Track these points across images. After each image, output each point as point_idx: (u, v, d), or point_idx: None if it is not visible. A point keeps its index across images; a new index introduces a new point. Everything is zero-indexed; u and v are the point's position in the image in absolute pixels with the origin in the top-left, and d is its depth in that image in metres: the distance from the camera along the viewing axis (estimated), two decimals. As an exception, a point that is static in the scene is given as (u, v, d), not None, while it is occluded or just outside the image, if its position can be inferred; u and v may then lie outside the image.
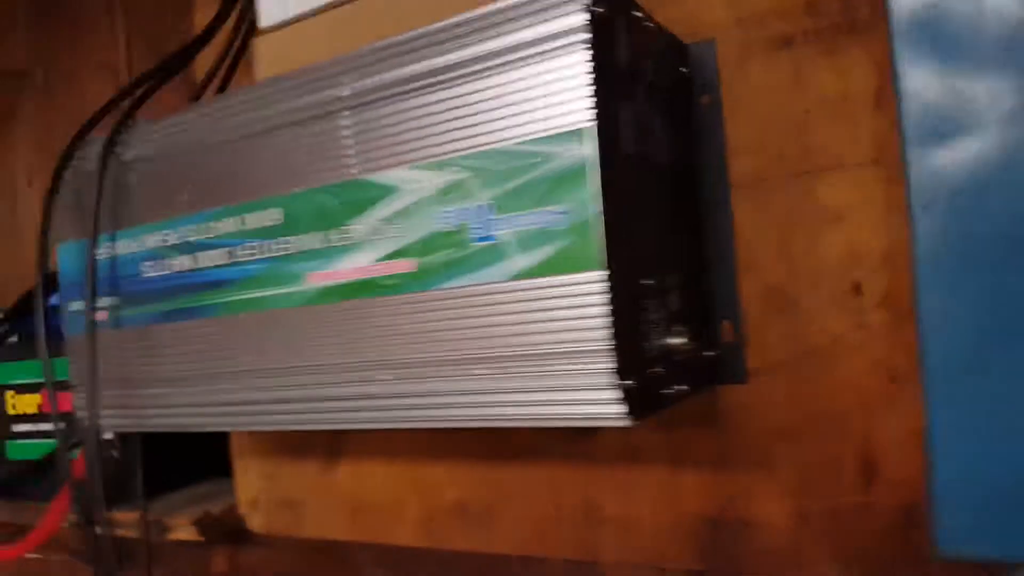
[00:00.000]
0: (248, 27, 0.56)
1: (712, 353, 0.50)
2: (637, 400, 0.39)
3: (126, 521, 0.74)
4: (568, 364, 0.39)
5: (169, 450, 0.75)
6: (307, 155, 0.46)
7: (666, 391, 0.43)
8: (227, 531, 0.75)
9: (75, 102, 1.07)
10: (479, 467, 0.62)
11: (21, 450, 0.79)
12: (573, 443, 0.57)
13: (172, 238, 0.53)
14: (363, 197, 0.44)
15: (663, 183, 0.45)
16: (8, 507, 0.81)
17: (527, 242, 0.40)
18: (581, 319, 0.38)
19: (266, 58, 0.52)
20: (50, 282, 0.60)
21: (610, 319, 0.38)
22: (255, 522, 0.74)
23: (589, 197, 0.38)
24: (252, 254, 0.49)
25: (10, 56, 1.12)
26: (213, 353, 0.51)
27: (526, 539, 0.60)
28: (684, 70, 0.50)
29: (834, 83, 0.48)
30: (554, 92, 0.39)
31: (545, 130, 0.39)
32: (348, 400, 0.46)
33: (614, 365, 0.38)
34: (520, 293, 0.40)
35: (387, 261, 0.44)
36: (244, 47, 0.57)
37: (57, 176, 0.56)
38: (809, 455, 0.49)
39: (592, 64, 0.37)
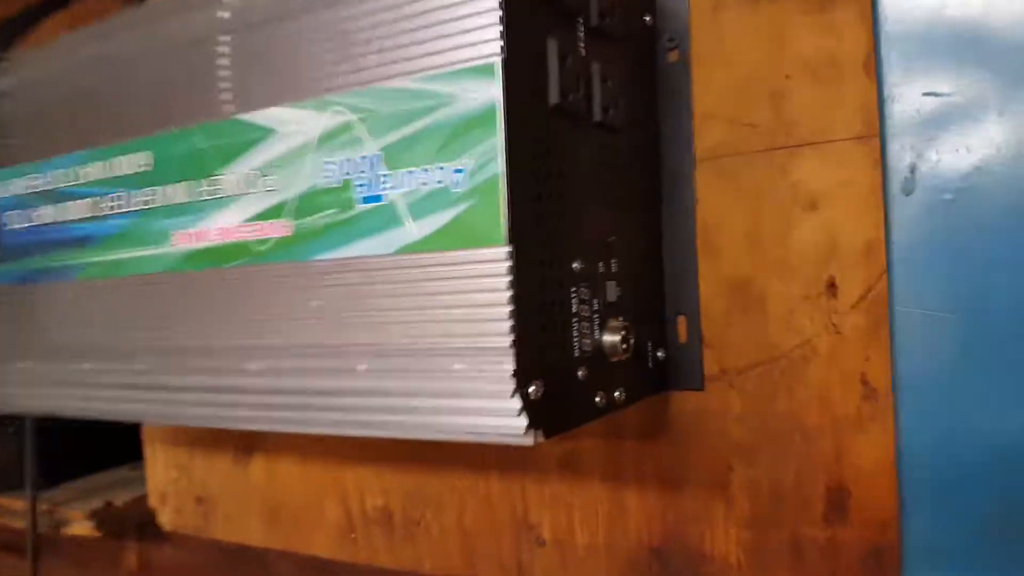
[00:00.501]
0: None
1: (663, 354, 0.42)
2: (544, 412, 0.31)
3: (16, 510, 0.66)
4: (462, 363, 0.31)
5: (77, 430, 0.68)
6: (182, 89, 0.38)
7: (595, 399, 0.35)
8: (130, 526, 0.67)
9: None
10: (406, 472, 0.55)
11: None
12: (507, 449, 0.50)
13: (40, 184, 0.45)
14: (237, 141, 0.36)
15: (611, 147, 0.37)
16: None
17: (420, 205, 0.31)
18: (478, 307, 0.30)
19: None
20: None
21: (510, 308, 0.30)
22: (165, 518, 0.67)
23: (490, 151, 0.29)
24: (117, 207, 0.41)
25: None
26: (72, 324, 0.43)
27: (454, 557, 0.52)
28: (648, 19, 0.41)
29: (820, 44, 0.39)
30: (458, 17, 0.30)
31: (445, 64, 0.31)
32: (213, 392, 0.38)
33: (512, 367, 0.30)
34: (408, 271, 0.32)
35: (259, 222, 0.36)
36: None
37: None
38: (770, 478, 0.41)
39: (503, -20, 0.29)
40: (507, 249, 0.29)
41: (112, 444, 0.75)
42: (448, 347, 0.31)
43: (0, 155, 0.47)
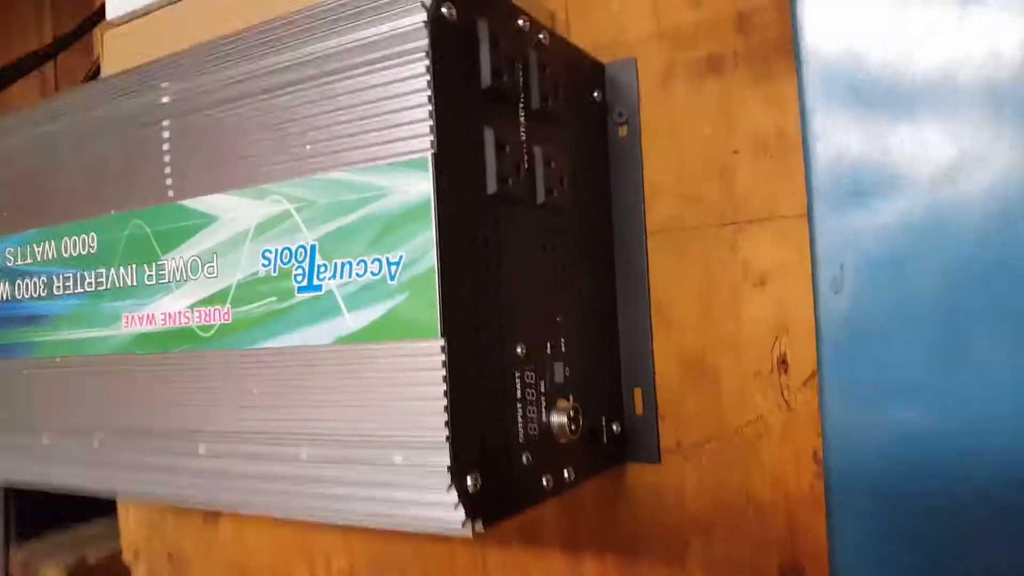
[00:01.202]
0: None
1: (618, 427, 0.42)
2: (483, 502, 0.31)
3: (-17, 568, 0.66)
4: (400, 455, 0.31)
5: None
6: (124, 172, 0.38)
7: (541, 482, 0.35)
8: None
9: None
10: (371, 537, 0.54)
11: None
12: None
13: (-8, 260, 0.45)
14: (179, 226, 0.36)
15: (557, 227, 0.37)
16: None
17: (356, 297, 0.31)
18: (414, 400, 0.30)
19: (112, 54, 0.44)
20: None
21: (444, 403, 0.29)
22: (139, 574, 0.66)
23: (424, 245, 0.29)
24: (69, 287, 0.41)
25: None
26: (29, 400, 0.43)
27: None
28: (596, 95, 0.42)
29: (766, 118, 0.39)
30: (391, 111, 0.30)
31: (380, 157, 0.31)
32: (167, 473, 0.38)
33: (447, 462, 0.29)
34: (346, 362, 0.32)
35: (203, 307, 0.36)
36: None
37: None
38: (726, 553, 0.41)
39: (431, 77, 0.29)
40: (440, 343, 0.29)
41: (89, 496, 0.75)
42: (386, 439, 0.31)
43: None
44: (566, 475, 0.37)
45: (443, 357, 0.29)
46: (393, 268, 0.30)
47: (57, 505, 0.74)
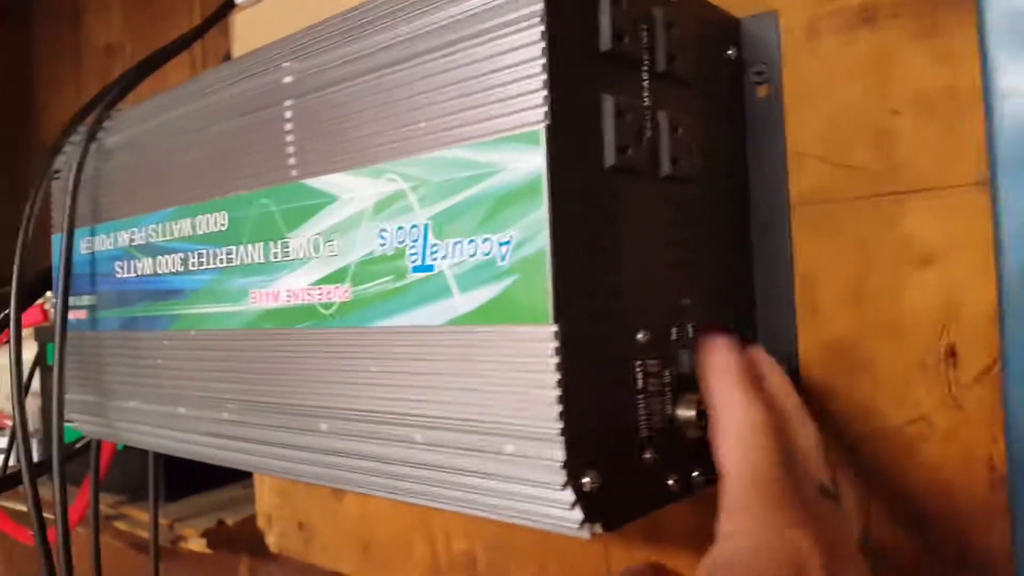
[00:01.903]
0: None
1: (754, 420, 0.38)
2: (602, 503, 0.29)
3: (143, 521, 0.71)
4: (512, 446, 0.29)
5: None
6: (251, 152, 0.39)
7: (667, 483, 0.33)
8: (240, 545, 0.70)
9: (156, 77, 1.08)
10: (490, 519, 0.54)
11: (70, 433, 0.79)
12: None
13: (138, 237, 0.47)
14: (303, 205, 0.36)
15: (684, 201, 0.34)
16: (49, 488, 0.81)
17: (467, 278, 0.30)
18: (524, 389, 0.28)
19: (241, 36, 0.45)
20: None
21: (558, 393, 0.27)
22: (271, 539, 0.69)
23: (536, 224, 0.27)
24: (202, 263, 0.42)
25: (107, 32, 1.14)
26: (167, 371, 0.45)
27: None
28: (731, 52, 0.38)
29: (933, 74, 0.34)
30: (503, 83, 0.28)
31: (492, 132, 0.29)
32: (290, 448, 0.39)
33: (563, 457, 0.28)
34: (457, 346, 0.30)
35: (323, 285, 0.36)
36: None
37: (47, 165, 0.52)
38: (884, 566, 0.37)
39: (545, 45, 0.27)
40: (553, 329, 0.27)
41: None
42: (497, 427, 0.30)
43: (108, 209, 0.50)
44: (695, 476, 0.34)
45: (555, 344, 0.27)
46: (504, 248, 0.29)
47: (200, 471, 0.79)
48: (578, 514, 0.28)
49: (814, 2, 0.38)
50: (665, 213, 0.33)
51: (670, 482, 0.32)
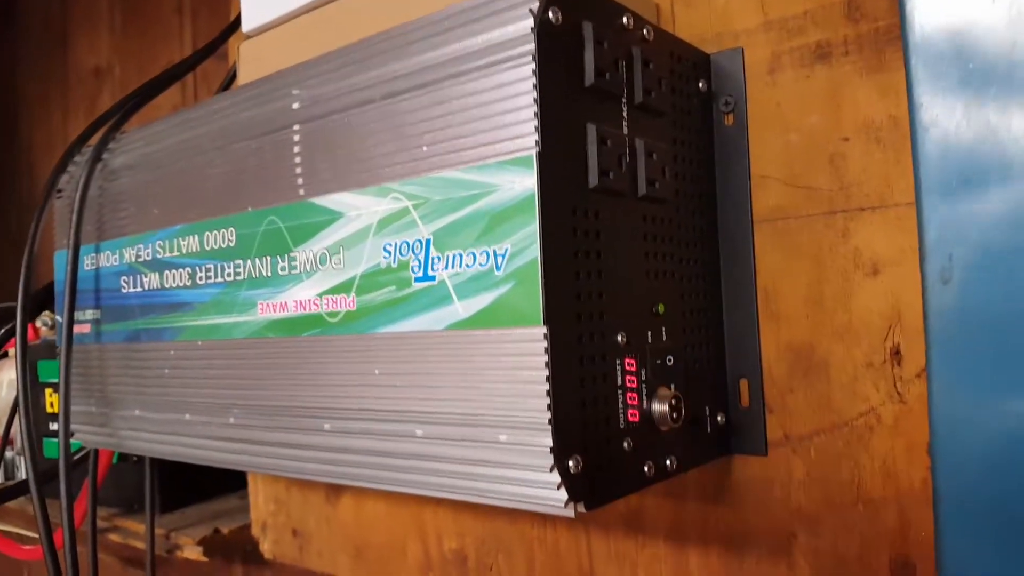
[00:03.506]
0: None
1: (723, 418, 0.42)
2: (585, 484, 0.32)
3: (139, 531, 0.73)
4: (506, 435, 0.33)
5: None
6: (259, 172, 0.42)
7: (643, 469, 0.36)
8: (235, 553, 0.72)
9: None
10: (481, 515, 0.57)
11: (55, 448, 0.80)
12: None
13: (144, 253, 0.50)
14: (310, 222, 0.40)
15: (658, 218, 0.38)
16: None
17: (466, 287, 0.33)
18: (519, 383, 0.32)
19: (247, 62, 0.48)
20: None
21: (547, 387, 0.31)
22: (265, 547, 0.72)
23: (528, 237, 0.31)
24: (210, 277, 0.45)
25: (95, 54, 1.16)
26: (173, 380, 0.48)
27: (521, 602, 0.54)
28: (701, 85, 0.42)
29: (878, 106, 0.38)
30: (499, 112, 0.32)
31: (489, 156, 0.33)
32: (295, 448, 0.41)
33: (550, 443, 0.31)
34: (457, 347, 0.34)
35: (330, 295, 0.39)
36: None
37: (52, 184, 0.55)
38: (834, 548, 0.40)
39: (536, 80, 0.31)
40: (543, 330, 0.31)
41: (227, 473, 0.81)
42: (493, 419, 0.33)
43: (114, 226, 0.53)
44: (668, 463, 0.37)
45: (545, 344, 0.31)
46: (500, 259, 0.32)
47: (195, 482, 0.81)
48: (563, 494, 0.31)
49: (776, 40, 0.42)
50: (642, 228, 0.37)
51: (646, 468, 0.36)
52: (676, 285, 0.39)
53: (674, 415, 0.37)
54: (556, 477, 0.31)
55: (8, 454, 0.86)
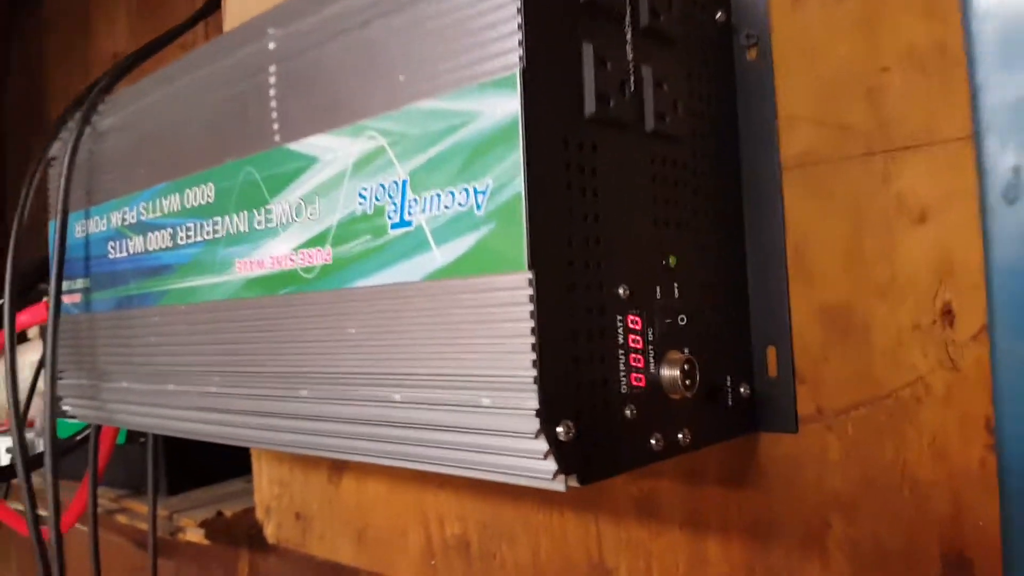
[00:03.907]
0: None
1: (747, 390, 0.37)
2: (578, 455, 0.28)
3: (142, 513, 0.71)
4: (489, 398, 0.29)
5: (204, 443, 0.72)
6: (237, 120, 0.39)
7: (649, 441, 0.32)
8: (238, 536, 0.70)
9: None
10: (483, 498, 0.53)
11: (62, 428, 0.79)
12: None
13: (129, 216, 0.47)
14: (285, 170, 0.36)
15: (670, 159, 0.34)
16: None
17: (444, 230, 0.29)
18: (502, 337, 0.28)
19: (232, 13, 0.45)
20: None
21: (532, 339, 0.27)
22: (269, 531, 0.69)
23: (512, 170, 0.27)
24: (190, 236, 0.42)
25: (114, 41, 1.16)
26: (156, 348, 0.45)
27: (528, 594, 0.50)
28: (720, 16, 0.37)
29: (922, 30, 0.33)
30: (480, 28, 0.28)
31: (469, 78, 0.28)
32: (272, 417, 0.38)
33: (535, 405, 0.27)
34: (436, 298, 0.30)
35: (305, 249, 0.35)
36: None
37: (44, 152, 0.52)
38: (874, 537, 0.36)
39: (520, -14, 0.26)
40: (528, 276, 0.27)
41: (234, 456, 0.79)
42: (475, 380, 0.29)
43: (103, 190, 0.50)
44: (681, 437, 0.33)
45: (530, 291, 0.27)
46: (480, 197, 0.28)
47: (202, 465, 0.79)
48: (551, 464, 0.27)
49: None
50: (650, 169, 0.33)
51: (653, 441, 0.31)
52: (691, 237, 0.35)
53: (687, 382, 0.32)
54: (543, 444, 0.27)
55: (28, 435, 0.85)
